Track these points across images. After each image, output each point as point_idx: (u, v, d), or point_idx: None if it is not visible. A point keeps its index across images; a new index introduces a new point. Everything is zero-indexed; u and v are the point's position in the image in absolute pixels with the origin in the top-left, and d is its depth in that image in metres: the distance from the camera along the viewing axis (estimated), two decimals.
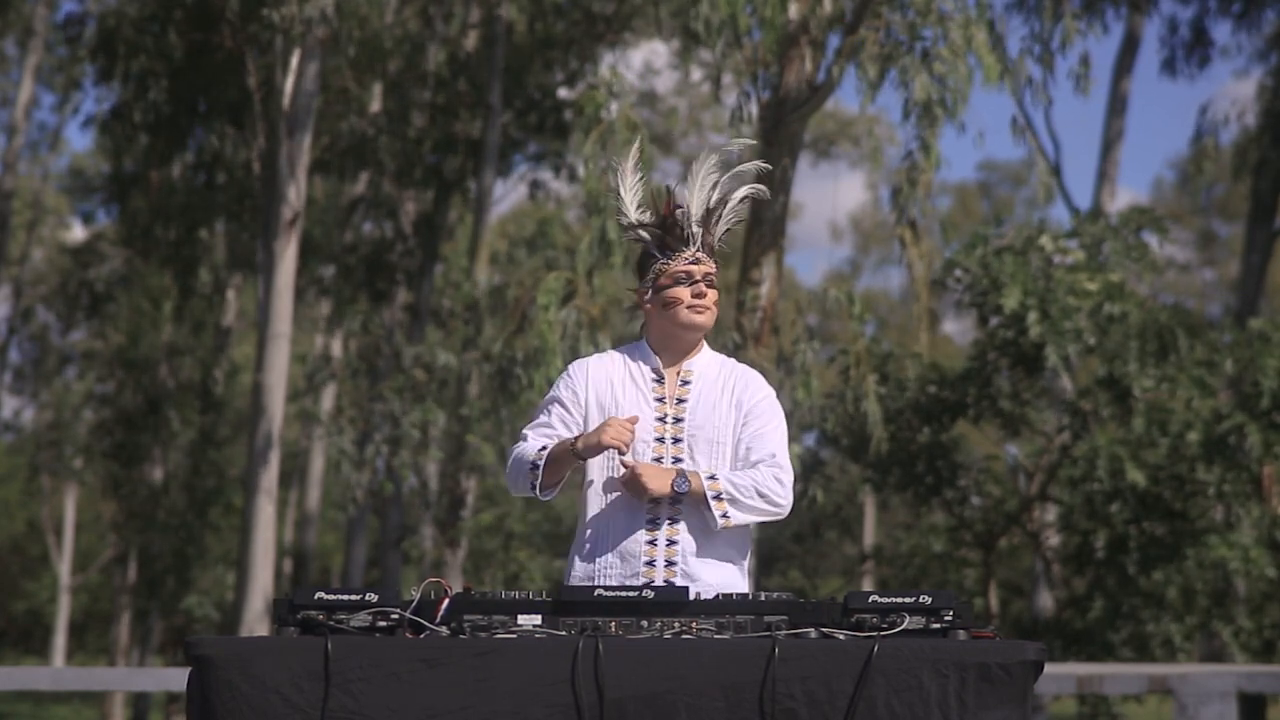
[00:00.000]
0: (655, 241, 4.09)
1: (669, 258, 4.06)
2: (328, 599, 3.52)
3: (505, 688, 3.35)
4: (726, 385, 4.08)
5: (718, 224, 4.11)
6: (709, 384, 4.08)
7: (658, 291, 4.07)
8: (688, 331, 4.07)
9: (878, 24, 10.98)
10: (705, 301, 4.04)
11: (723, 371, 4.12)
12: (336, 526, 30.84)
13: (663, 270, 4.06)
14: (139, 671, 12.17)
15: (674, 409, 4.05)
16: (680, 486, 3.90)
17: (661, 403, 4.06)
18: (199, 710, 3.41)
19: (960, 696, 3.32)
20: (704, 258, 4.06)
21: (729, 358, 4.20)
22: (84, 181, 28.33)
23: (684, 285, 4.04)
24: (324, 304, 23.35)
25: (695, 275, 4.04)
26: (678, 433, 4.03)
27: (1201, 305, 37.66)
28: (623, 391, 4.06)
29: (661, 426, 4.03)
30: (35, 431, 32.44)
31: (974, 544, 15.82)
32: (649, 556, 3.95)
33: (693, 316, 4.04)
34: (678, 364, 4.11)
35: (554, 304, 10.75)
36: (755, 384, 4.11)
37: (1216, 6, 21.69)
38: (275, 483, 14.81)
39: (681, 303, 4.03)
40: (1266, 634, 14.53)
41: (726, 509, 3.93)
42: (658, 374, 4.09)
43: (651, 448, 4.00)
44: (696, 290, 4.03)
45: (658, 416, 4.04)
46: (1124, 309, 13.64)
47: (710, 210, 4.10)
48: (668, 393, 4.07)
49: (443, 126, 18.95)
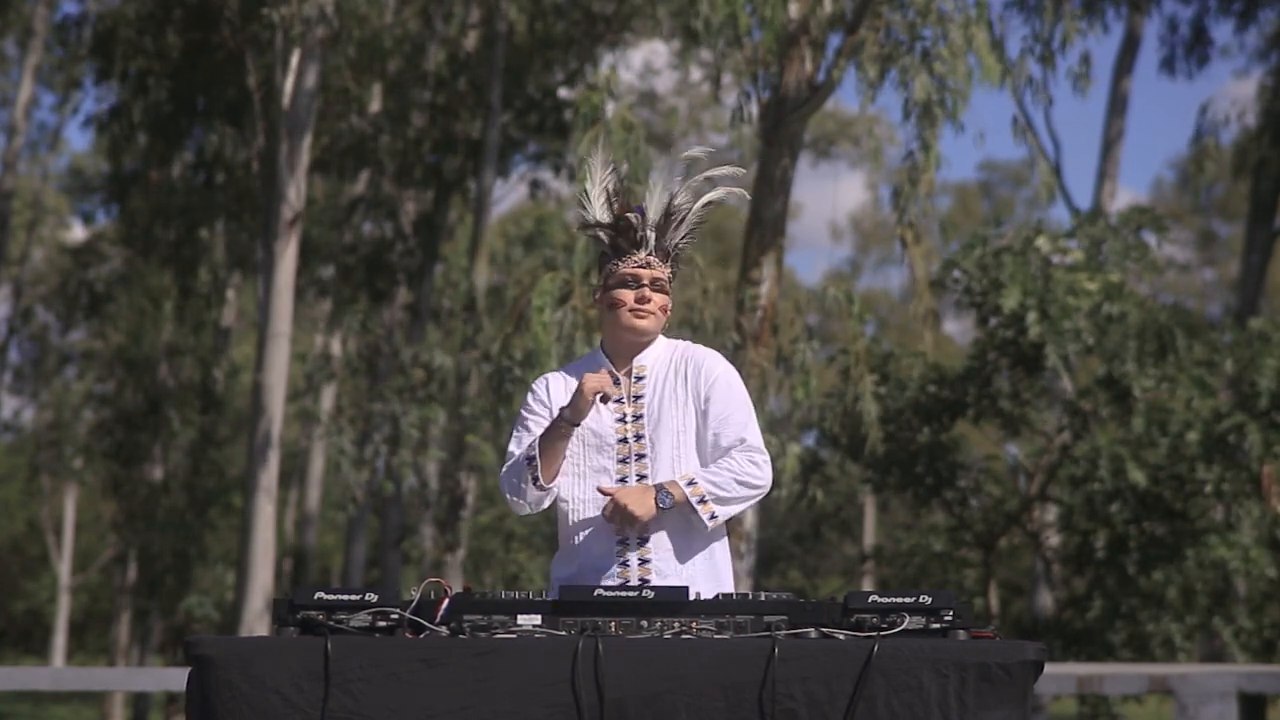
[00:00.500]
0: (609, 242, 4.07)
1: (619, 259, 4.04)
2: (327, 599, 3.52)
3: (505, 688, 3.35)
4: (679, 371, 4.06)
5: (676, 229, 4.07)
6: (661, 375, 4.07)
7: (605, 291, 4.07)
8: (629, 334, 4.06)
9: (878, 24, 10.98)
10: (649, 306, 4.02)
11: (674, 358, 4.09)
12: (336, 526, 30.84)
13: (612, 271, 4.05)
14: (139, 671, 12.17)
15: (632, 407, 4.05)
16: (664, 502, 3.90)
17: (620, 403, 4.05)
18: (199, 710, 3.41)
19: (960, 696, 3.32)
20: (655, 262, 4.03)
21: (682, 341, 4.17)
22: (84, 181, 28.33)
23: (629, 288, 4.02)
24: (324, 304, 23.34)
25: (642, 279, 4.02)
26: (639, 429, 4.02)
27: (1202, 305, 37.67)
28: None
29: (623, 427, 4.03)
30: (35, 431, 32.44)
31: (974, 544, 15.82)
32: (623, 579, 3.96)
33: (634, 320, 4.03)
34: (630, 361, 4.10)
35: (548, 305, 10.74)
36: (708, 363, 4.08)
37: (1217, 6, 21.69)
38: (275, 483, 14.81)
39: (624, 305, 4.02)
40: (1267, 634, 14.53)
41: (714, 509, 3.94)
42: (613, 376, 4.08)
43: (615, 449, 4.01)
44: (640, 295, 4.01)
45: (618, 418, 4.04)
46: (1123, 309, 13.64)
47: (669, 214, 4.06)
48: (625, 392, 4.06)
49: (443, 126, 18.95)
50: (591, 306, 11.19)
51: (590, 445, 4.03)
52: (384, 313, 20.09)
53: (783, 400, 11.86)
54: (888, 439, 14.42)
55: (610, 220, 4.06)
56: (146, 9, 17.34)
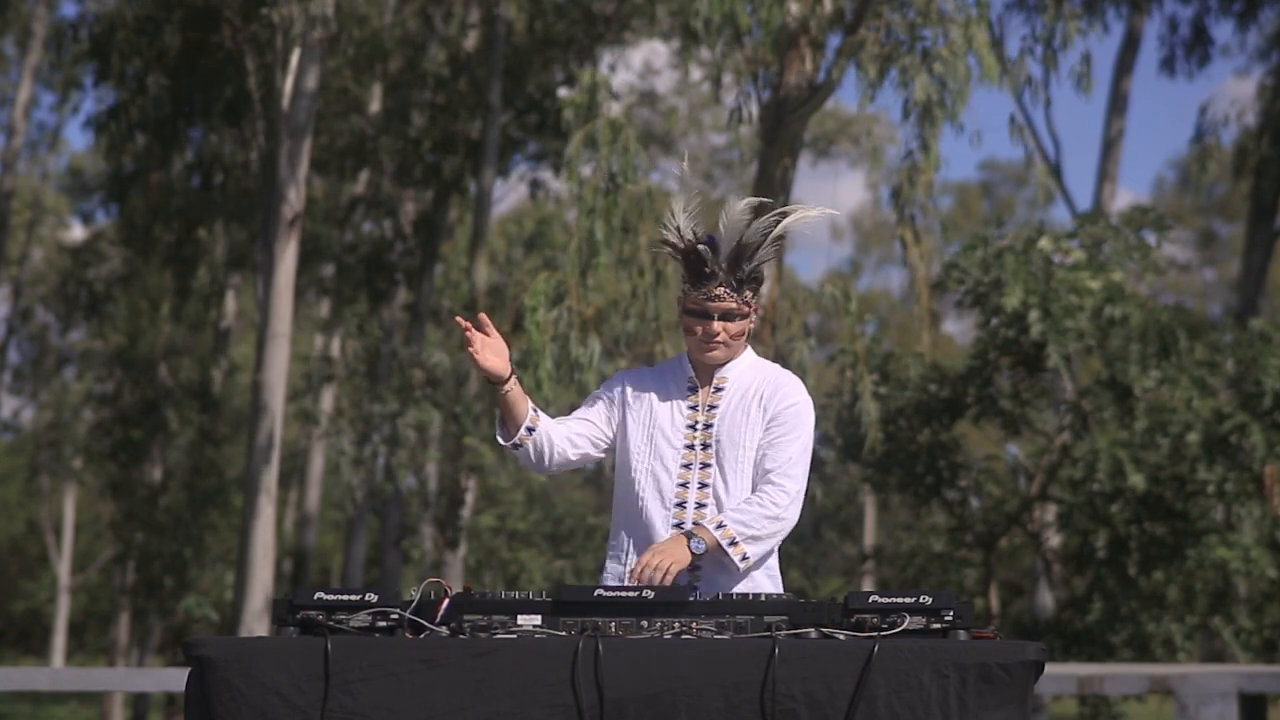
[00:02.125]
0: (683, 268, 4.11)
1: (693, 287, 4.08)
2: (327, 599, 3.51)
3: (505, 688, 3.34)
4: (758, 391, 4.12)
5: (749, 260, 4.08)
6: (740, 391, 4.12)
7: (682, 312, 4.13)
8: (700, 362, 4.14)
9: (878, 24, 10.97)
10: (718, 339, 4.07)
11: (757, 377, 4.15)
12: (336, 526, 30.84)
13: (686, 293, 4.10)
14: (138, 672, 12.16)
15: (705, 415, 4.11)
16: (697, 548, 3.92)
17: (694, 410, 4.12)
18: (198, 711, 3.40)
19: (961, 697, 3.32)
20: (725, 294, 4.05)
21: (771, 363, 4.22)
22: (83, 181, 28.32)
23: (698, 319, 4.07)
24: (324, 304, 23.35)
25: (711, 312, 4.05)
26: (706, 438, 4.08)
27: (1203, 305, 37.70)
28: (657, 399, 4.14)
29: (691, 434, 4.09)
30: (34, 431, 32.44)
31: (974, 544, 15.81)
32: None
33: (702, 353, 4.10)
34: (712, 373, 4.16)
35: (542, 306, 10.73)
36: (785, 389, 4.13)
37: (1217, 5, 21.68)
38: (275, 483, 14.80)
39: (694, 336, 4.09)
40: (1267, 634, 14.52)
41: (745, 550, 3.95)
42: (693, 383, 4.16)
43: (681, 454, 4.07)
44: (708, 329, 4.06)
45: (689, 424, 4.10)
46: (1124, 310, 13.63)
47: (740, 248, 4.05)
48: (701, 400, 4.14)
49: (442, 126, 18.94)
50: (589, 307, 11.18)
51: (659, 446, 4.09)
52: (383, 313, 20.08)
53: None
54: (888, 439, 14.42)
55: (682, 250, 4.08)
56: (145, 9, 17.32)
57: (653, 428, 4.09)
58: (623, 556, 4.07)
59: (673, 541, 3.92)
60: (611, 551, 4.13)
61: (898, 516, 26.36)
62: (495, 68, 17.69)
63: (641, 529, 4.05)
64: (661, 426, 4.09)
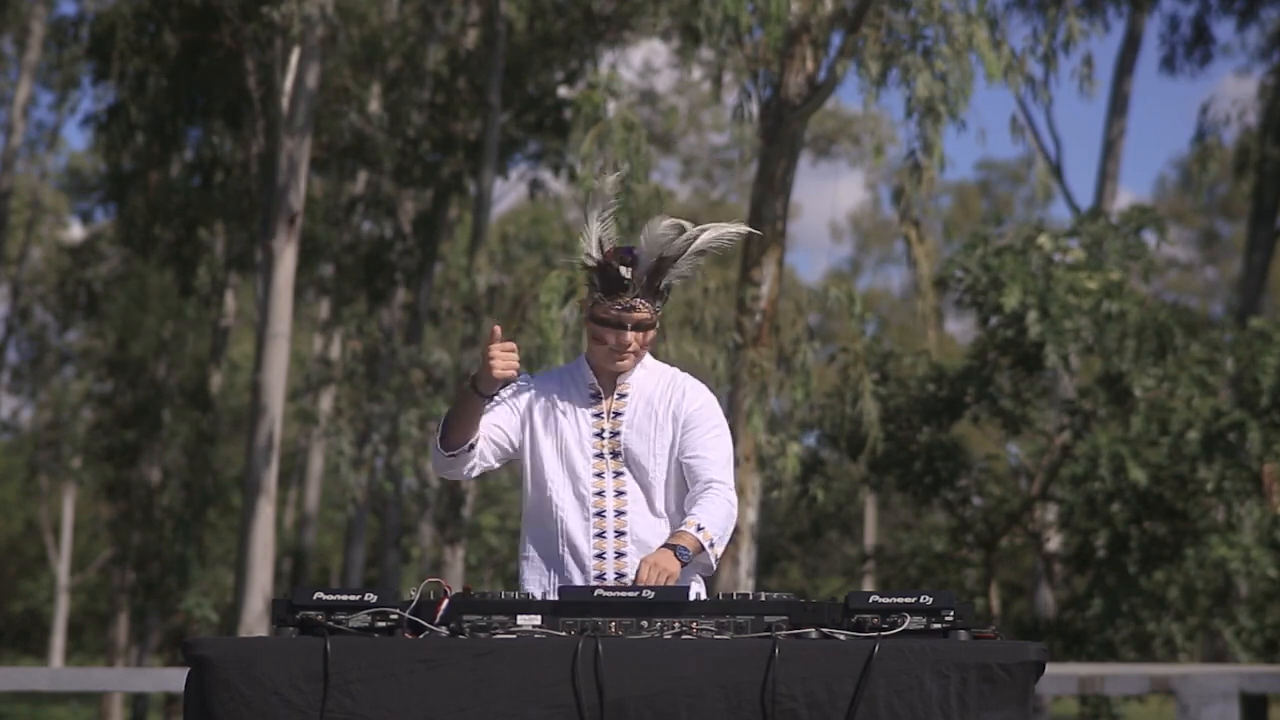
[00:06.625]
0: (597, 281, 4.12)
1: (605, 297, 4.09)
2: (327, 599, 3.51)
3: (505, 688, 3.34)
4: (663, 398, 4.16)
5: (666, 274, 4.11)
6: (644, 398, 4.17)
7: (590, 319, 4.14)
8: (608, 370, 4.16)
9: (879, 22, 10.96)
10: (630, 350, 4.10)
11: (660, 382, 4.19)
12: (336, 526, 30.83)
13: (598, 301, 4.10)
14: (137, 672, 12.15)
15: (611, 423, 4.15)
16: (684, 557, 3.95)
17: (600, 419, 4.16)
18: (197, 711, 3.40)
19: (961, 697, 3.31)
20: (640, 304, 4.08)
21: (672, 368, 4.26)
22: (82, 180, 28.28)
23: (611, 329, 4.09)
24: (323, 304, 23.33)
25: (625, 322, 4.08)
26: (615, 447, 4.13)
27: (1204, 304, 37.69)
28: (562, 407, 4.15)
29: (600, 443, 4.14)
30: (33, 431, 32.44)
31: (975, 544, 15.81)
32: (598, 549, 4.08)
33: (614, 363, 4.13)
34: (614, 380, 4.18)
35: (556, 302, 10.73)
36: (690, 393, 4.19)
37: (1218, 4, 21.69)
38: (274, 483, 14.79)
39: (605, 345, 4.11)
40: (1268, 634, 14.51)
41: (719, 549, 4.06)
42: (595, 390, 4.18)
43: (592, 464, 4.12)
44: (620, 339, 4.08)
45: (595, 432, 4.14)
46: (1123, 308, 13.63)
47: (661, 262, 4.08)
48: (606, 408, 4.17)
49: (442, 126, 18.93)
50: None
51: (570, 455, 4.12)
52: (383, 313, 20.07)
53: (783, 400, 11.85)
54: (888, 439, 14.41)
55: (597, 264, 4.09)
56: (144, 8, 17.31)
57: (561, 437, 4.13)
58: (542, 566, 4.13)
59: (660, 554, 3.95)
60: (527, 560, 4.18)
61: (898, 516, 26.36)
62: (495, 67, 17.68)
63: (563, 537, 4.10)
64: (570, 436, 4.13)
